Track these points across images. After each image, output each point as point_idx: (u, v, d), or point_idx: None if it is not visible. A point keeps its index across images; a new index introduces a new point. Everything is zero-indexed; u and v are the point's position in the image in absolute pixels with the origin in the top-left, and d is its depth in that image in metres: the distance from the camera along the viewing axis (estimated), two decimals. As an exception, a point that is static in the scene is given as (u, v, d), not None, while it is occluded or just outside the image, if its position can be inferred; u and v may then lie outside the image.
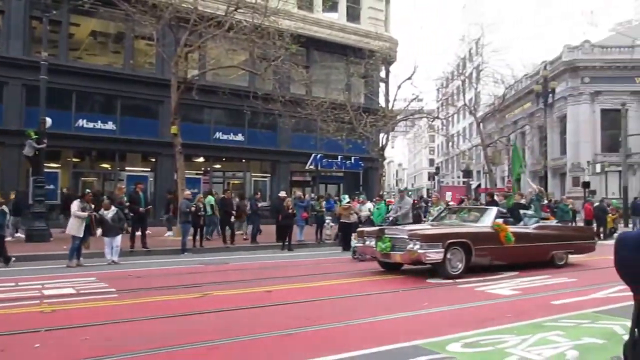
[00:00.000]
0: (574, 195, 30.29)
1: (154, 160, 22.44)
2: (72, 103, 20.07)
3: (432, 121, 31.75)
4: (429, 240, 9.16)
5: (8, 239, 14.23)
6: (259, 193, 20.90)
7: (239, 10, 17.04)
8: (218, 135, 23.48)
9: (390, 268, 10.19)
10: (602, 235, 20.46)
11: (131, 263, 11.70)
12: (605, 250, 15.38)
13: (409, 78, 24.03)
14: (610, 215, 20.97)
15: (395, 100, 24.73)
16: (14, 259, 11.25)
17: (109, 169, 22.52)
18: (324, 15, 26.32)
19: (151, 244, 14.20)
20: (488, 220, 10.27)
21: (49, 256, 12.16)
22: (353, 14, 27.92)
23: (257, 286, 8.54)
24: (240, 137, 23.96)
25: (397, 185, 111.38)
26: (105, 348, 4.91)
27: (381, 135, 24.49)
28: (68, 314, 6.40)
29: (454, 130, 54.82)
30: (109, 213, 11.66)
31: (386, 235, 9.69)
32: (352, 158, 24.83)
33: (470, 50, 47.69)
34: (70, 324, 5.84)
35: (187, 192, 15.07)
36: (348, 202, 17.54)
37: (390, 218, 14.20)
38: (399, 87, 24.11)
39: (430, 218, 13.77)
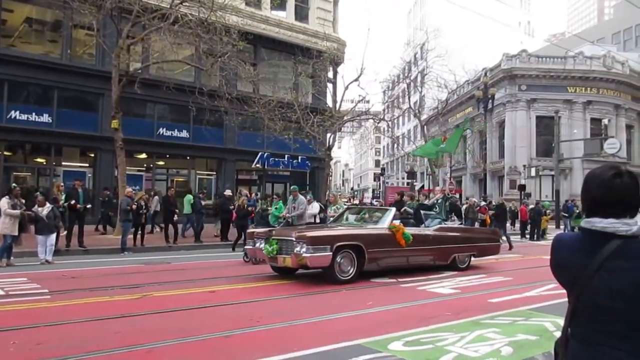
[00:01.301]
0: (511, 198, 31.61)
1: (92, 155, 21.54)
2: (4, 93, 18.93)
3: (378, 123, 32.25)
4: (316, 242, 8.46)
5: None
6: (204, 191, 20.55)
7: (184, 4, 16.68)
8: (162, 131, 22.84)
9: (285, 272, 9.46)
10: (535, 236, 21.48)
11: (67, 263, 11.19)
12: (537, 250, 16.22)
13: (356, 79, 24.30)
14: (544, 217, 22.02)
15: (342, 101, 24.91)
16: None
17: (44, 163, 21.41)
18: (272, 13, 26.14)
19: (89, 242, 13.64)
20: (385, 222, 9.73)
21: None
22: (301, 14, 27.92)
23: (198, 286, 8.38)
24: (185, 134, 23.41)
25: (343, 185, 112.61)
26: (36, 352, 4.67)
27: (328, 135, 24.60)
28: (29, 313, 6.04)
29: (400, 132, 55.98)
30: (44, 210, 11.10)
31: (274, 237, 9.01)
32: (299, 157, 24.80)
33: (416, 54, 48.82)
34: (28, 323, 5.50)
35: (129, 189, 14.57)
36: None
37: (284, 218, 13.45)
38: (346, 88, 24.35)
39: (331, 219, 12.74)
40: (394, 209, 10.48)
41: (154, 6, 16.53)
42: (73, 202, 13.08)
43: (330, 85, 27.02)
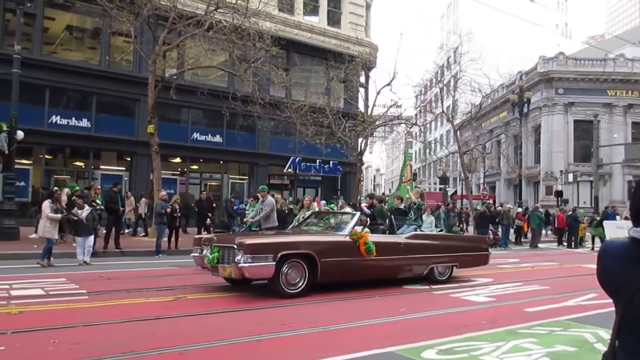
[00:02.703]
0: (547, 204, 30.85)
1: (129, 159, 22.07)
2: (46, 98, 19.61)
3: (410, 127, 31.99)
4: (256, 250, 7.47)
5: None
6: (236, 195, 20.78)
7: (219, 10, 16.93)
8: (196, 135, 23.23)
9: (236, 283, 8.44)
10: (572, 243, 20.89)
11: (104, 264, 11.46)
12: (575, 258, 15.75)
13: (388, 84, 24.14)
14: (582, 224, 21.39)
15: (374, 105, 24.83)
16: None
17: (83, 167, 22.05)
18: (305, 18, 26.31)
19: (125, 245, 13.94)
20: (347, 228, 8.64)
21: (18, 255, 11.83)
22: (334, 19, 28.00)
23: (229, 291, 8.43)
24: (218, 139, 23.75)
25: (374, 190, 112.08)
26: (74, 352, 4.77)
27: (360, 140, 24.53)
28: (36, 316, 6.21)
29: (432, 137, 55.43)
30: (83, 212, 11.40)
31: (215, 244, 8.09)
32: (331, 162, 24.82)
33: (449, 58, 48.30)
34: (38, 326, 5.66)
35: (163, 192, 14.84)
36: (327, 207, 17.57)
37: (247, 221, 12.55)
38: (378, 92, 24.22)
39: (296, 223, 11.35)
40: (358, 214, 9.46)
41: (189, 13, 16.86)
42: (122, 207, 13.43)
43: (362, 90, 26.99)
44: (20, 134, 14.56)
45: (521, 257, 15.80)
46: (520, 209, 22.89)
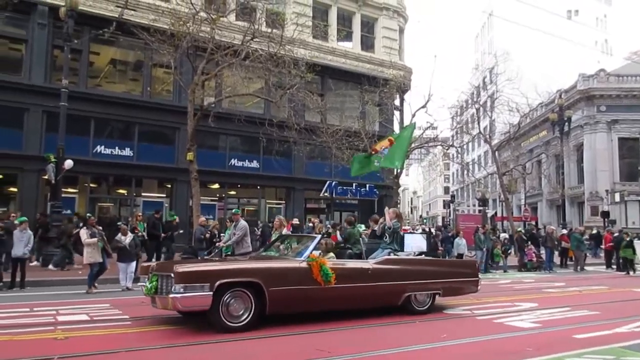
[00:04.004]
0: (593, 225, 29.77)
1: (169, 186, 22.59)
2: (91, 129, 20.38)
3: (447, 149, 31.67)
4: (188, 279, 6.69)
5: (33, 263, 14.39)
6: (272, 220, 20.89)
7: (255, 40, 17.33)
8: (233, 162, 23.62)
9: (191, 315, 7.46)
10: (621, 266, 20.01)
11: (145, 289, 11.64)
12: (625, 282, 15.07)
13: (424, 106, 24.05)
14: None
15: (410, 128, 24.66)
16: (1, 284, 11.36)
17: (126, 194, 22.70)
18: (339, 44, 26.63)
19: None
20: (305, 253, 7.76)
21: (65, 282, 12.19)
22: (367, 43, 28.25)
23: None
24: (255, 164, 24.08)
25: (411, 212, 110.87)
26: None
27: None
28: (81, 341, 6.34)
29: (469, 158, 54.62)
30: (127, 239, 11.70)
31: (154, 273, 7.32)
32: (367, 185, 24.73)
33: (485, 79, 47.82)
34: (83, 351, 5.79)
35: (202, 218, 15.06)
36: (364, 230, 17.46)
37: (219, 246, 12.01)
38: (414, 115, 24.13)
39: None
40: (318, 237, 8.55)
41: (226, 43, 17.32)
42: (165, 234, 13.66)
43: (397, 113, 26.94)
44: (69, 163, 15.12)
45: (567, 281, 15.24)
46: (564, 231, 22.16)
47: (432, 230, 22.27)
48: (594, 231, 27.61)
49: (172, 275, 6.77)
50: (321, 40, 25.41)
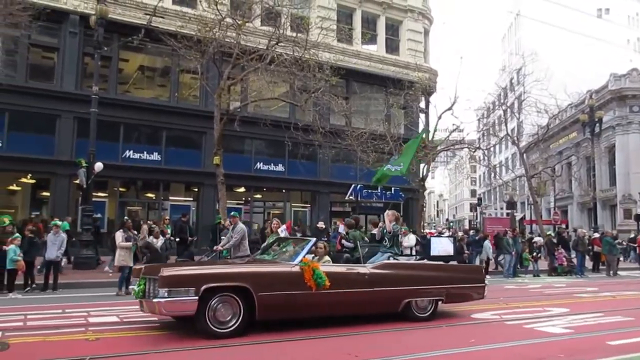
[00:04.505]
0: (626, 228, 28.98)
1: (196, 190, 22.89)
2: (120, 134, 20.81)
3: (473, 152, 31.29)
4: (173, 283, 6.49)
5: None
6: (300, 223, 20.98)
7: (280, 44, 17.45)
8: (259, 165, 23.80)
9: (182, 320, 7.22)
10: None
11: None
12: (663, 287, 14.60)
13: (450, 108, 23.85)
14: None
15: (435, 130, 24.53)
16: (34, 286, 11.66)
17: (154, 198, 23.08)
18: (363, 47, 26.61)
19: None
20: (298, 257, 7.47)
21: (96, 284, 12.44)
22: (392, 46, 28.15)
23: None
24: (280, 168, 24.21)
25: (437, 216, 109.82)
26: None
27: (421, 165, 24.23)
28: (111, 343, 6.45)
29: (497, 160, 53.79)
30: (159, 242, 11.89)
31: (142, 276, 7.13)
32: (392, 189, 24.61)
33: (512, 80, 47.13)
34: (113, 352, 5.89)
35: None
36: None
37: (217, 249, 11.93)
38: (439, 117, 23.98)
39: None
40: (313, 240, 8.21)
41: (251, 48, 17.49)
42: (190, 238, 13.84)
43: (422, 116, 26.77)
44: (99, 165, 15.45)
45: (600, 286, 14.86)
46: (596, 234, 21.63)
47: (460, 233, 21.96)
48: (632, 235, 26.87)
49: (157, 278, 6.58)
50: (346, 44, 25.43)
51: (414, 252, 16.96)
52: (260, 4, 18.52)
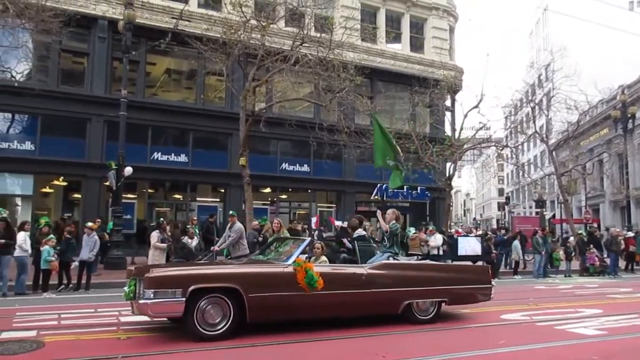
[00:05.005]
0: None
1: (223, 191, 23.12)
2: (148, 137, 21.16)
3: (500, 150, 30.82)
4: (159, 284, 6.36)
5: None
6: (325, 223, 21.00)
7: (304, 45, 17.49)
8: (284, 166, 23.91)
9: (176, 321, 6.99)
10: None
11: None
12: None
13: (476, 106, 23.54)
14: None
15: (462, 129, 24.26)
16: (70, 285, 11.97)
17: (181, 199, 23.41)
18: (388, 46, 26.47)
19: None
20: (292, 257, 7.27)
21: (126, 284, 12.66)
22: (417, 44, 27.93)
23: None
24: (306, 168, 24.27)
25: (464, 215, 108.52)
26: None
27: (448, 164, 23.99)
28: (142, 342, 6.57)
29: (525, 158, 52.85)
30: (194, 242, 12.11)
31: (133, 277, 7.04)
32: (418, 188, 24.42)
33: (540, 76, 46.26)
34: (144, 351, 6.00)
35: (255, 222, 15.31)
36: (414, 233, 17.29)
37: (214, 250, 11.79)
38: (466, 115, 23.67)
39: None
40: (308, 240, 8.09)
41: (276, 49, 17.58)
42: (217, 238, 14.01)
43: (448, 114, 26.49)
44: (128, 170, 15.76)
45: (634, 287, 14.45)
46: (630, 233, 21.07)
47: (488, 233, 21.66)
48: None
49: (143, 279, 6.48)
50: (370, 43, 25.34)
51: (441, 252, 16.93)
52: (284, 5, 18.61)
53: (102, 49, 20.45)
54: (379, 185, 23.11)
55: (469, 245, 18.16)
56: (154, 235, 11.84)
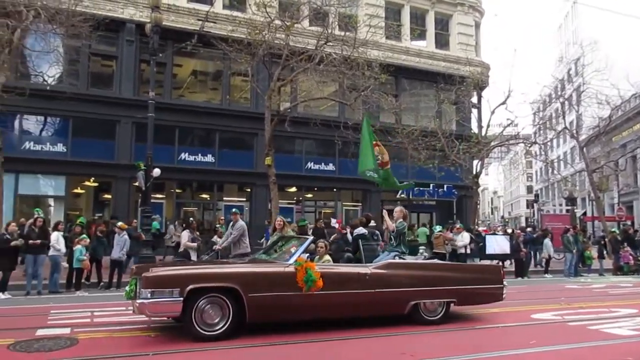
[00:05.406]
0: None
1: (249, 190, 23.30)
2: (175, 138, 21.46)
3: (529, 146, 30.27)
4: (157, 284, 6.33)
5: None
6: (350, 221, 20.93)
7: (328, 44, 17.48)
8: (310, 165, 23.96)
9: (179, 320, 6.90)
10: None
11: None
12: None
13: (503, 103, 23.18)
14: None
15: (489, 126, 23.92)
16: (102, 283, 12.31)
17: (208, 199, 23.68)
18: (413, 43, 26.27)
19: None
20: (293, 257, 7.16)
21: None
22: (442, 41, 27.64)
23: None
24: (331, 167, 24.28)
25: (492, 213, 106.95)
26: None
27: (475, 162, 23.69)
28: (171, 339, 6.66)
29: (554, 155, 51.80)
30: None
31: (134, 276, 7.02)
32: (445, 186, 24.18)
33: (569, 71, 45.24)
34: (173, 349, 6.08)
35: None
36: (439, 232, 17.13)
37: (216, 248, 11.70)
38: (493, 112, 23.32)
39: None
40: (310, 239, 7.90)
41: (300, 49, 17.62)
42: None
43: (475, 111, 26.16)
44: (157, 171, 16.01)
45: (671, 286, 14.04)
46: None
47: (517, 231, 21.31)
48: None
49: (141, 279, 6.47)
50: (394, 41, 25.18)
51: (468, 250, 16.74)
52: (308, 4, 18.63)
53: (129, 51, 20.82)
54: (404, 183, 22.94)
55: (497, 244, 17.91)
56: (185, 235, 12.04)
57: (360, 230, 10.46)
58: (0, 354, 5.74)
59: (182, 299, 6.27)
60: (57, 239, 11.81)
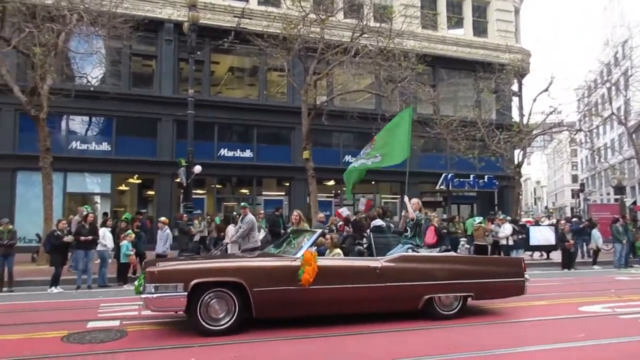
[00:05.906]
0: None
1: (287, 184, 23.46)
2: (215, 134, 21.80)
3: (574, 134, 29.31)
4: (161, 279, 6.30)
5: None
6: (388, 212, 20.79)
7: (364, 36, 17.38)
8: (347, 158, 23.84)
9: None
10: None
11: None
12: None
13: (546, 90, 22.50)
14: None
15: (530, 114, 23.27)
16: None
17: (248, 194, 23.97)
18: (450, 32, 25.76)
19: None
20: (301, 250, 6.94)
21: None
22: (479, 28, 27.00)
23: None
24: (369, 160, 24.14)
25: (535, 204, 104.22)
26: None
27: (516, 151, 23.11)
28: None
29: (601, 142, 49.97)
30: (260, 235, 12.45)
31: (142, 271, 7.01)
32: (486, 177, 23.68)
33: (616, 54, 43.45)
34: (217, 341, 6.18)
35: (321, 214, 15.43)
36: (479, 223, 16.81)
37: (226, 243, 11.46)
38: (535, 100, 22.68)
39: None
40: (319, 232, 7.67)
41: (336, 42, 17.57)
42: (283, 231, 14.36)
43: (515, 99, 25.49)
44: (198, 168, 16.33)
45: None
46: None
47: (562, 221, 20.70)
48: None
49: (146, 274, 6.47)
50: (431, 30, 24.75)
51: (511, 242, 16.38)
52: (342, -4, 18.56)
53: (168, 50, 21.24)
54: (444, 174, 22.65)
55: (542, 235, 17.47)
56: (231, 229, 12.26)
57: (378, 221, 10.31)
58: (55, 346, 6.00)
59: (186, 293, 6.26)
60: (103, 234, 12.23)
